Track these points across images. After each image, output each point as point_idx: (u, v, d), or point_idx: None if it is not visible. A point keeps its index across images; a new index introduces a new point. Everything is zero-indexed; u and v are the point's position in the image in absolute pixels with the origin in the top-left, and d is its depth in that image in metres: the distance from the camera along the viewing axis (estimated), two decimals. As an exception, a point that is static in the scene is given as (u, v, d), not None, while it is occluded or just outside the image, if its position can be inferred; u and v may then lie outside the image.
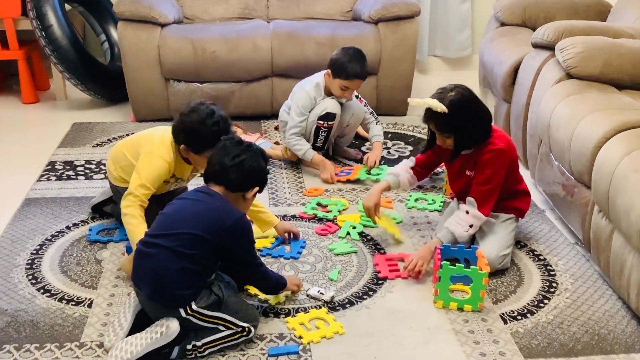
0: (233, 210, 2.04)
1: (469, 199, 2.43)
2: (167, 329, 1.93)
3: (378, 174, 3.19)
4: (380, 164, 3.30)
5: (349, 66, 3.09)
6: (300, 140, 3.22)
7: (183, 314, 1.96)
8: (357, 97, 3.38)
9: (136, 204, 2.35)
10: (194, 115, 2.34)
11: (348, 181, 3.18)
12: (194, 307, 1.96)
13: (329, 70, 3.15)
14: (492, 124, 2.46)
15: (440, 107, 2.31)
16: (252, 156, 2.08)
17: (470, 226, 2.42)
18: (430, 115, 2.38)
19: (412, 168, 2.69)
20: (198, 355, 1.99)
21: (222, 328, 2.01)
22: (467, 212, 2.42)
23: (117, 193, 2.57)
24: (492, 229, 2.48)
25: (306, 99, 3.18)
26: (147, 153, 2.42)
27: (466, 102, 2.36)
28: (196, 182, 2.67)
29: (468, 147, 2.43)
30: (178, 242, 1.95)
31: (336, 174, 3.20)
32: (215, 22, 4.21)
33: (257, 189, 2.13)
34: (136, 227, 2.31)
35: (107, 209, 2.79)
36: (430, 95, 2.38)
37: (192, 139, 2.35)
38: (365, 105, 3.40)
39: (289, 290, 2.26)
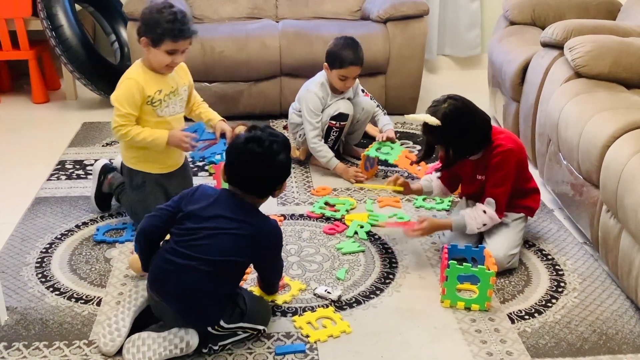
0: (267, 222, 2.04)
1: (489, 199, 2.42)
2: (186, 345, 1.95)
3: (387, 153, 3.15)
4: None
5: (343, 54, 3.08)
6: (324, 146, 3.21)
7: (210, 329, 1.98)
8: (363, 91, 3.38)
9: (122, 128, 2.47)
10: (153, 7, 2.47)
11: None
12: (222, 324, 1.98)
13: (325, 64, 3.15)
14: (499, 125, 2.46)
15: (434, 121, 2.33)
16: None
17: (484, 225, 2.43)
18: (426, 129, 2.42)
19: (440, 178, 2.67)
20: (212, 353, 2.02)
21: (240, 333, 2.04)
22: (485, 212, 2.42)
23: (127, 172, 2.64)
24: (500, 228, 2.48)
25: (315, 100, 3.18)
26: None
27: (459, 113, 2.36)
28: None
29: (469, 154, 2.44)
30: (215, 267, 1.93)
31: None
32: (224, 22, 4.22)
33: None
34: (144, 132, 2.47)
35: (104, 189, 2.80)
36: (427, 107, 2.41)
37: (149, 28, 2.44)
38: (371, 99, 3.41)
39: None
